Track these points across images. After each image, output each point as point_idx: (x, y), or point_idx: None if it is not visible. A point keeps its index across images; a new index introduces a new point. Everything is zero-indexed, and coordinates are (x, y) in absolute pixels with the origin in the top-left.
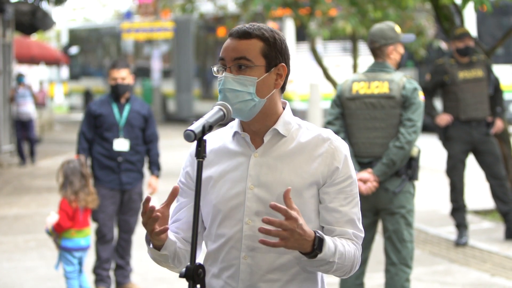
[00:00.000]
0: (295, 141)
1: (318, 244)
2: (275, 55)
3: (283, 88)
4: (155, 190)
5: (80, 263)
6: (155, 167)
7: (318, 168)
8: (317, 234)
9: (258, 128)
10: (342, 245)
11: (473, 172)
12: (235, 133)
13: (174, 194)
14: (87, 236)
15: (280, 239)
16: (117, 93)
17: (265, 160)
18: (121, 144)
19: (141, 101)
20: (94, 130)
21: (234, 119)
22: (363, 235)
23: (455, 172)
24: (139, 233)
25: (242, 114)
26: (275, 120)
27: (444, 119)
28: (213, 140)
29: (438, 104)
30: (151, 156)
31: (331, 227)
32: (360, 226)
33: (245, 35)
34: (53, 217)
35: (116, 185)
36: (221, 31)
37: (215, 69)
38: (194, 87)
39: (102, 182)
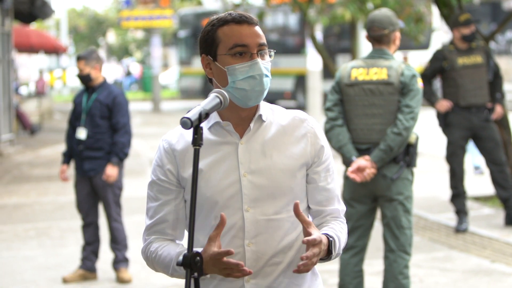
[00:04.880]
0: (274, 124)
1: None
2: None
3: None
4: (109, 177)
5: None
6: (113, 155)
7: (305, 149)
8: (330, 239)
9: (248, 114)
10: (341, 232)
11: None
12: (213, 124)
13: (223, 223)
14: None
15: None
16: (82, 83)
17: (252, 146)
18: (81, 133)
19: (110, 90)
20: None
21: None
22: (345, 208)
23: (455, 158)
24: (136, 221)
25: (259, 99)
26: (257, 106)
27: (443, 105)
28: (186, 136)
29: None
30: (113, 145)
31: (320, 208)
32: (342, 201)
33: (253, 21)
34: None
35: (80, 171)
36: None
37: (237, 53)
38: None
39: (76, 168)
